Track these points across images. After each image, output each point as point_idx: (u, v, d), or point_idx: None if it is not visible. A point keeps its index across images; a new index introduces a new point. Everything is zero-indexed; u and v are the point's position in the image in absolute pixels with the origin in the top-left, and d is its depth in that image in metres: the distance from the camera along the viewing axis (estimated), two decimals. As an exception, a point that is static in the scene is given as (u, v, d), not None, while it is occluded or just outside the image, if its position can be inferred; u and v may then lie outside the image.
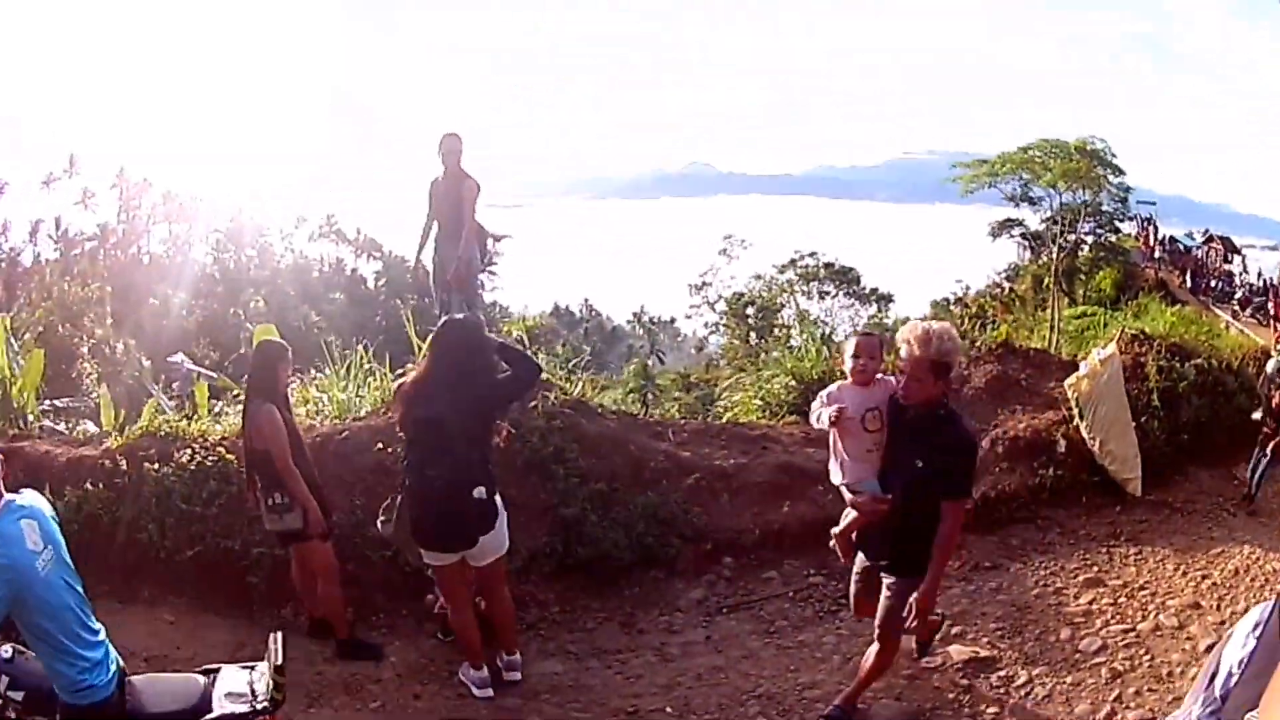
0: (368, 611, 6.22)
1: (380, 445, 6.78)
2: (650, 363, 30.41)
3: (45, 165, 29.09)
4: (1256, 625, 2.07)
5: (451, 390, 4.95)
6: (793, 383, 9.55)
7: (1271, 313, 26.51)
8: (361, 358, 8.20)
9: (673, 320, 45.63)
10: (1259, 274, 33.40)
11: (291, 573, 5.92)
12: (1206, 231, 38.80)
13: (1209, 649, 5.95)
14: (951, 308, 32.32)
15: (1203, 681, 2.15)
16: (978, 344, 11.29)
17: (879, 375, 4.76)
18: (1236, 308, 28.77)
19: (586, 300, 53.43)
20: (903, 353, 4.39)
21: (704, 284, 32.68)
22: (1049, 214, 28.73)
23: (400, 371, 7.49)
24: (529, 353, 6.41)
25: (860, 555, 4.95)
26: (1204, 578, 7.31)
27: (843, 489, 4.86)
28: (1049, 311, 26.26)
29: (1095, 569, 7.48)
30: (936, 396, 4.43)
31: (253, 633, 5.86)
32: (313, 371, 8.58)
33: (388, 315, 28.50)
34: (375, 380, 7.97)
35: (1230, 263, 35.53)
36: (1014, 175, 27.39)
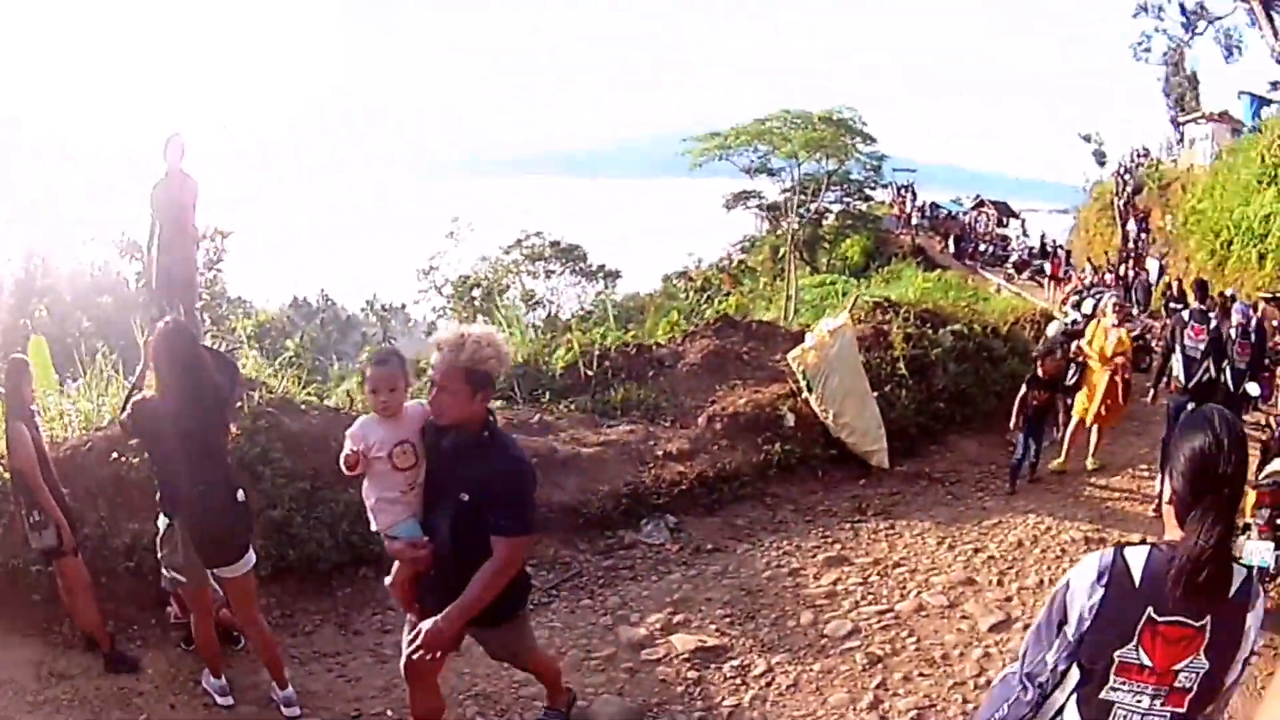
0: (123, 623, 6.09)
1: (116, 455, 6.58)
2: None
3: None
4: (1101, 575, 2.23)
5: (196, 403, 4.88)
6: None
7: (1049, 274, 26.91)
8: (102, 366, 8.10)
9: (404, 306, 45.08)
10: (1042, 237, 34.79)
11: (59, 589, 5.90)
12: (977, 197, 40.37)
13: (994, 628, 6.00)
14: (676, 282, 32.74)
15: (1048, 631, 2.32)
16: (692, 319, 11.22)
17: (411, 403, 4.15)
18: (1011, 271, 29.49)
19: (323, 290, 52.37)
20: (433, 359, 3.79)
21: (431, 268, 32.17)
22: (790, 185, 29.35)
23: (133, 381, 7.45)
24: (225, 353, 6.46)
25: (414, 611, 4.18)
26: (977, 551, 7.25)
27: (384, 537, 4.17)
28: (786, 282, 26.81)
29: (838, 547, 7.36)
30: (477, 415, 3.82)
31: (50, 652, 5.77)
32: (68, 381, 8.48)
33: (147, 318, 27.20)
34: (114, 388, 7.84)
35: (1005, 226, 37.25)
36: (748, 147, 27.81)
